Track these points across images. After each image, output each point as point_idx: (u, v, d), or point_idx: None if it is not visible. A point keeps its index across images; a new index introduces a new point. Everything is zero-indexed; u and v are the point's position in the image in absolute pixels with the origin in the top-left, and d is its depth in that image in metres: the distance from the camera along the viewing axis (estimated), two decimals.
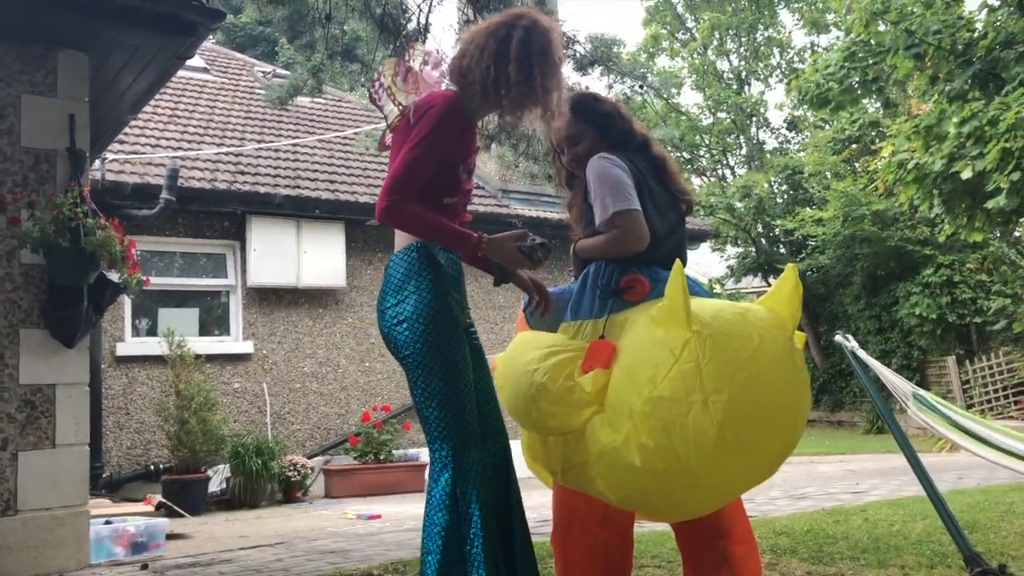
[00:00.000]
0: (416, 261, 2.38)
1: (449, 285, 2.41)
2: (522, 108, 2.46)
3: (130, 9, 4.45)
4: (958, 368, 15.60)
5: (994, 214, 8.28)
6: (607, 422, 2.22)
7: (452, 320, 2.37)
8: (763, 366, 2.17)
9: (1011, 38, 8.31)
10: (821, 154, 19.98)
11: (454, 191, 2.47)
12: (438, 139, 2.33)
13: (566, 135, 2.65)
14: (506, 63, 2.37)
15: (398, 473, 9.11)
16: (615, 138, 2.62)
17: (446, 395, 2.30)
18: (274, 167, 10.04)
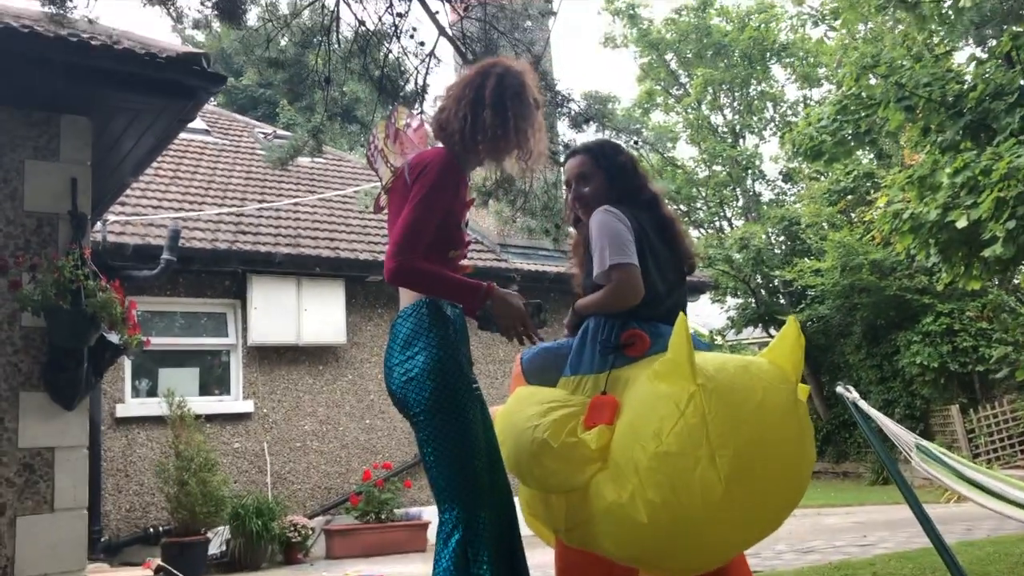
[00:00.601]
0: (426, 317, 2.37)
1: (458, 340, 2.41)
2: (500, 152, 2.51)
3: (133, 75, 4.53)
4: (962, 417, 15.49)
5: (991, 262, 8.30)
6: (611, 479, 2.20)
7: (463, 377, 2.36)
8: (767, 419, 2.17)
9: (1000, 89, 8.44)
10: (817, 205, 20.12)
11: (459, 244, 2.51)
12: (439, 195, 2.35)
13: (577, 173, 2.71)
14: (482, 109, 2.43)
15: (400, 533, 8.99)
16: (622, 189, 2.65)
17: (457, 454, 2.25)
18: (275, 226, 10.11)
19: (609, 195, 2.63)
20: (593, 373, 2.46)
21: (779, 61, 25.28)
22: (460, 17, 5.60)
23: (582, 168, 2.70)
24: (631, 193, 2.66)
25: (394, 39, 5.41)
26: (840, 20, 16.55)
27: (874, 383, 17.33)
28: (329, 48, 5.39)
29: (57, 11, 4.26)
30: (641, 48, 25.70)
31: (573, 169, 2.73)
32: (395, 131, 2.56)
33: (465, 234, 2.56)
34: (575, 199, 2.72)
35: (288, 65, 5.50)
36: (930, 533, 3.43)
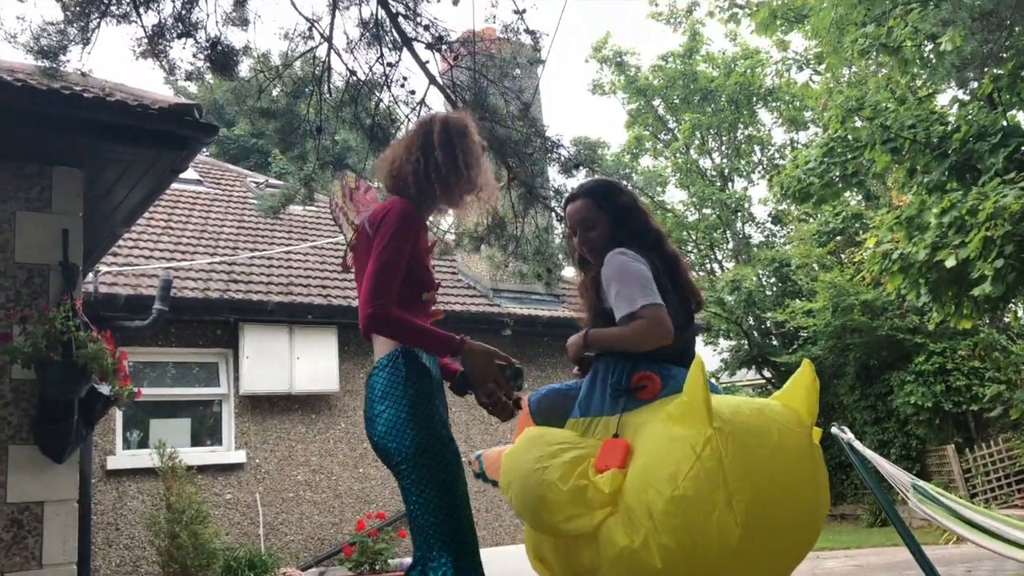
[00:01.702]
0: (403, 367, 2.38)
1: (435, 390, 2.41)
2: (453, 191, 2.58)
3: (125, 127, 4.57)
4: (958, 456, 15.44)
5: (981, 301, 8.36)
6: (623, 523, 2.15)
7: (442, 424, 2.35)
8: (783, 463, 2.15)
9: (983, 130, 8.57)
10: (807, 246, 20.24)
11: (430, 286, 2.56)
12: (403, 240, 2.41)
13: (580, 219, 2.69)
14: (432, 151, 2.53)
15: None
16: (629, 230, 2.64)
17: (445, 500, 2.24)
18: (267, 274, 10.11)
19: (616, 236, 2.62)
20: (604, 415, 2.43)
21: (765, 105, 25.63)
22: (450, 66, 5.68)
23: (585, 212, 2.69)
24: (637, 233, 2.65)
25: (385, 88, 5.48)
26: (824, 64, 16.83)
27: (869, 424, 17.28)
28: (320, 98, 5.45)
29: (51, 65, 4.31)
30: (629, 94, 26.05)
31: (576, 214, 2.71)
32: (350, 191, 2.68)
33: (434, 277, 2.61)
34: (582, 243, 2.70)
35: (280, 115, 5.55)
36: (930, 575, 3.40)
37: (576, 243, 2.73)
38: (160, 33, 4.65)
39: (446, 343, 2.38)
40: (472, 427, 10.61)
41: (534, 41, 5.46)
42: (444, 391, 2.52)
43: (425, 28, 5.16)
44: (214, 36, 4.79)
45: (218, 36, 4.80)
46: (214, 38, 4.79)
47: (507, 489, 2.43)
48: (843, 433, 3.73)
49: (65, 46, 4.34)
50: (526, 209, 5.95)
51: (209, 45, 4.78)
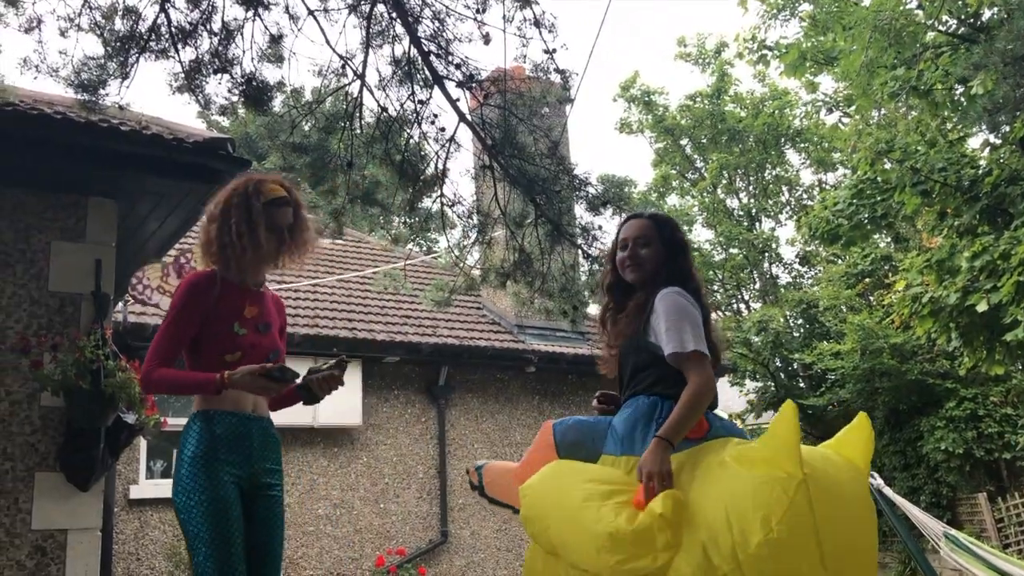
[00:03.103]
0: (192, 428, 2.65)
1: (221, 447, 2.63)
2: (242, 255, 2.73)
3: (160, 159, 4.65)
4: (990, 505, 15.09)
5: (1014, 347, 8.23)
6: (695, 564, 2.11)
7: (218, 484, 2.56)
8: (856, 509, 2.21)
9: (1015, 175, 8.50)
10: (835, 288, 20.06)
11: (233, 348, 2.70)
12: (179, 312, 2.67)
13: (639, 234, 2.68)
14: (211, 223, 2.77)
15: None
16: (679, 267, 2.66)
17: (206, 560, 2.47)
18: (293, 307, 10.17)
19: (663, 267, 2.64)
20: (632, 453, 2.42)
21: (794, 146, 25.60)
22: (480, 104, 5.72)
23: (645, 231, 2.69)
24: (683, 275, 2.66)
25: (415, 124, 5.53)
26: (854, 106, 16.82)
27: (898, 469, 16.97)
28: (352, 133, 5.51)
29: (90, 98, 4.40)
30: (656, 133, 26.13)
31: (634, 230, 2.70)
32: (172, 269, 2.89)
33: (251, 336, 2.76)
34: (631, 257, 2.67)
35: (311, 150, 5.61)
36: None
37: (622, 257, 2.70)
38: (197, 68, 4.73)
39: (209, 385, 2.60)
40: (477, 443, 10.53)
41: (563, 80, 5.50)
42: (248, 448, 2.74)
43: (456, 66, 5.21)
44: (249, 72, 4.87)
45: (253, 72, 4.88)
46: (249, 74, 4.87)
47: (537, 521, 2.39)
48: (872, 479, 3.67)
49: (105, 80, 4.43)
50: (552, 246, 5.96)
51: (244, 81, 4.86)
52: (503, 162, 5.58)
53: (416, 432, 10.15)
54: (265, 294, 2.91)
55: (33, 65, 4.26)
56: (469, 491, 10.26)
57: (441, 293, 6.52)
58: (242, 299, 2.78)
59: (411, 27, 5.09)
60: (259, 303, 2.84)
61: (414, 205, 5.94)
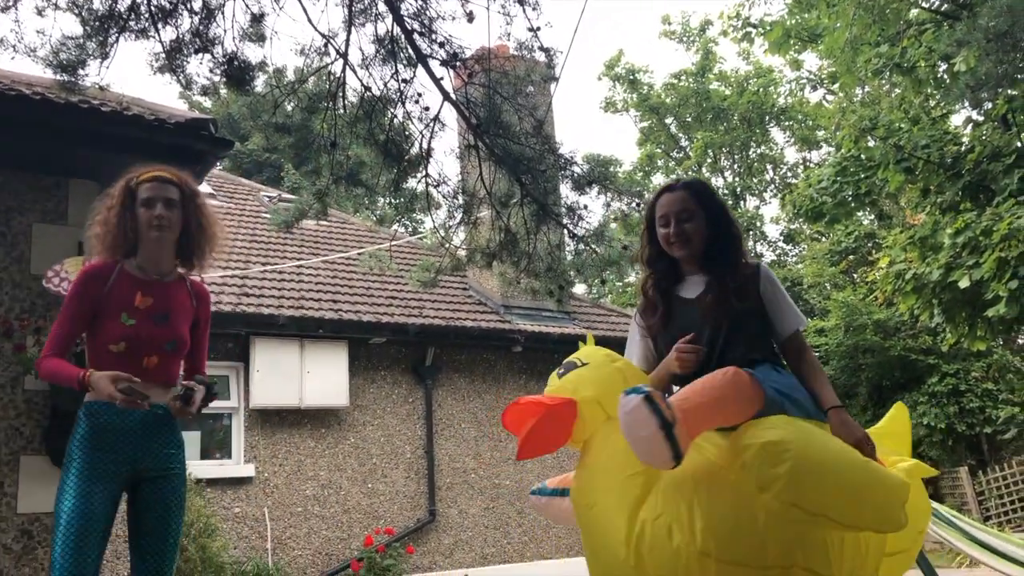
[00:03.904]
0: (77, 418, 2.75)
1: (97, 439, 2.71)
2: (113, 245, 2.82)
3: (141, 140, 4.61)
4: (971, 479, 15.30)
5: (995, 322, 8.31)
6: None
7: (88, 477, 2.66)
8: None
9: (998, 151, 8.56)
10: (819, 265, 20.19)
11: (118, 338, 2.73)
12: (73, 300, 2.76)
13: (680, 208, 2.65)
14: (107, 205, 2.85)
15: None
16: (724, 230, 2.67)
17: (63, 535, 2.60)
18: (278, 288, 10.14)
19: (711, 234, 2.64)
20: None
21: (778, 124, 25.64)
22: (464, 83, 5.70)
23: (685, 204, 2.65)
24: (736, 239, 2.68)
25: (399, 104, 5.50)
26: (838, 84, 16.84)
27: None
28: (335, 113, 5.47)
29: (69, 79, 4.34)
30: (641, 112, 26.11)
31: (675, 204, 2.66)
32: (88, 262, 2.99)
33: (139, 327, 2.78)
34: (677, 234, 2.63)
35: (294, 130, 5.60)
36: None
37: (665, 233, 2.66)
38: (177, 48, 4.68)
39: (74, 380, 2.67)
40: (481, 443, 10.58)
41: (548, 59, 5.48)
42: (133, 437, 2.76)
43: (440, 45, 5.18)
44: (231, 52, 4.83)
45: (235, 52, 4.84)
46: (231, 53, 4.82)
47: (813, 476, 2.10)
48: None
49: (84, 60, 4.37)
50: (538, 226, 5.95)
51: (226, 60, 4.81)
52: (488, 141, 5.56)
53: (403, 412, 10.16)
54: (172, 284, 2.91)
55: (10, 45, 4.20)
56: (457, 471, 10.32)
57: (427, 274, 6.52)
58: (135, 289, 2.81)
59: (394, 5, 5.05)
60: (158, 293, 2.84)
61: (399, 185, 5.92)
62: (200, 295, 3.02)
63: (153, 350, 2.79)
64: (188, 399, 2.75)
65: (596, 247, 6.03)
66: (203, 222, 2.94)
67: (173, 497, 2.85)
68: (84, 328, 2.79)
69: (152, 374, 2.77)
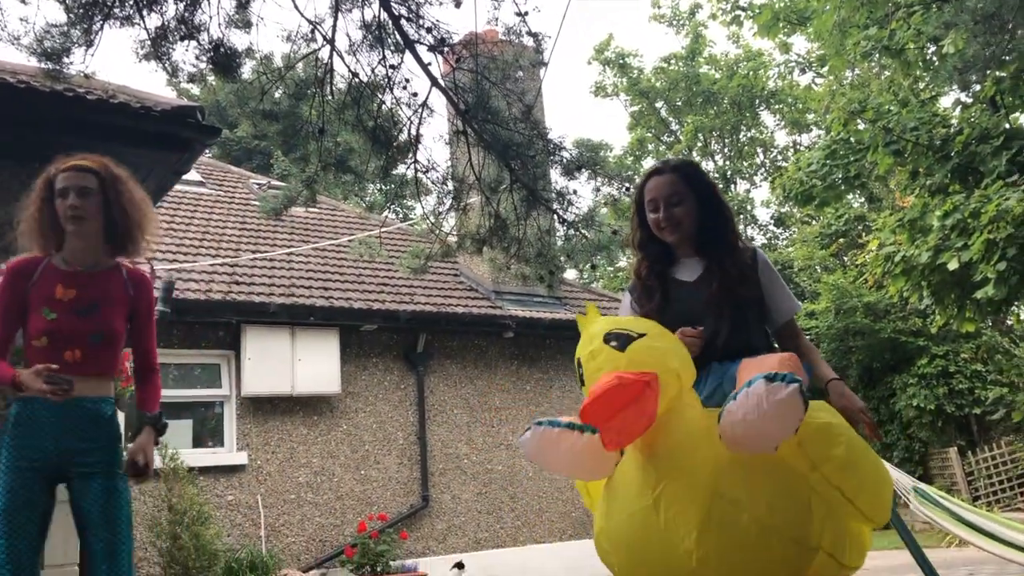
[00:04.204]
0: (11, 407, 2.74)
1: (32, 427, 2.69)
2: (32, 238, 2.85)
3: (128, 129, 4.58)
4: (961, 460, 15.42)
5: (983, 304, 8.35)
6: None
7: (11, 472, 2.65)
8: None
9: (986, 133, 8.57)
10: (809, 248, 20.25)
11: (39, 332, 2.74)
12: (1, 297, 2.77)
13: (668, 193, 2.60)
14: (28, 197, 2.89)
15: None
16: (715, 210, 2.62)
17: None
18: (269, 276, 10.12)
19: (698, 217, 2.60)
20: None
21: (768, 107, 25.65)
22: (452, 68, 5.68)
23: (674, 188, 2.60)
24: (727, 221, 2.64)
25: (387, 90, 5.47)
26: (827, 67, 16.83)
27: None
28: (323, 100, 5.45)
29: (54, 67, 4.31)
30: (631, 96, 26.07)
31: (663, 187, 2.61)
32: None
33: (61, 321, 2.75)
34: (667, 219, 2.59)
35: (282, 117, 5.55)
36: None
37: (655, 219, 2.62)
38: (163, 35, 4.65)
39: (8, 382, 2.68)
40: (474, 428, 10.61)
41: (536, 43, 5.46)
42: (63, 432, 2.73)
43: (427, 30, 5.15)
44: (217, 38, 4.79)
45: (221, 38, 4.81)
46: (217, 40, 4.79)
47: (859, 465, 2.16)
48: None
49: (68, 48, 4.34)
50: (528, 211, 5.95)
51: (212, 47, 4.78)
52: (477, 127, 5.55)
53: (395, 399, 10.18)
54: (101, 275, 2.86)
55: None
56: (449, 457, 10.34)
57: (417, 260, 6.51)
58: (56, 281, 2.77)
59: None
60: (82, 284, 2.80)
61: (388, 172, 5.91)
62: (137, 282, 2.95)
63: (76, 343, 2.74)
64: (138, 470, 2.81)
65: (586, 232, 6.03)
66: (127, 207, 2.86)
67: (105, 491, 2.78)
68: (17, 325, 2.76)
69: (78, 368, 2.71)
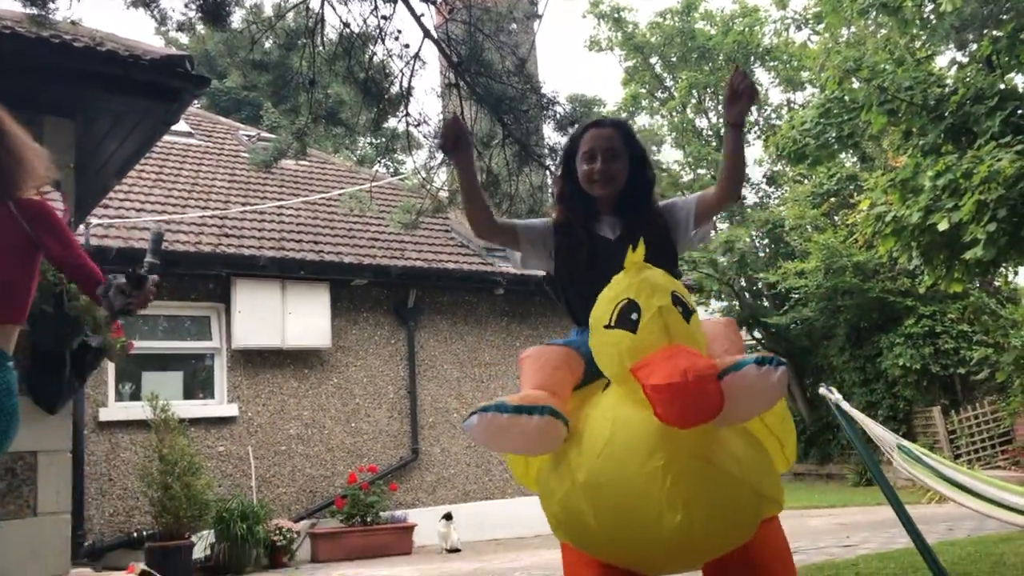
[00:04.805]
0: None
1: None
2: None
3: (116, 77, 4.52)
4: (944, 418, 15.61)
5: (972, 265, 8.37)
6: None
7: None
8: None
9: (981, 93, 8.52)
10: (801, 208, 20.23)
11: None
12: None
13: (609, 147, 2.56)
14: None
15: (385, 535, 8.98)
16: (643, 173, 2.62)
17: None
18: (259, 229, 10.08)
19: (632, 176, 2.59)
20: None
21: (763, 64, 25.42)
22: (445, 20, 5.61)
23: (614, 143, 2.56)
24: (651, 186, 2.64)
25: (379, 41, 5.41)
26: (823, 24, 16.68)
27: (857, 385, 17.44)
28: (314, 50, 5.38)
29: (39, 12, 4.24)
30: (626, 51, 25.81)
31: (604, 140, 2.56)
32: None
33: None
34: (603, 172, 2.54)
35: (272, 67, 5.48)
36: (912, 533, 3.46)
37: (588, 170, 2.56)
38: None
39: None
40: (463, 384, 10.67)
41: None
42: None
43: None
44: None
45: None
46: None
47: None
48: (831, 394, 3.77)
49: None
50: (520, 167, 5.92)
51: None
52: (469, 80, 5.50)
53: (386, 354, 10.21)
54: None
55: None
56: (439, 411, 10.42)
57: (408, 215, 6.49)
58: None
59: None
60: None
61: (379, 125, 5.86)
62: (33, 215, 2.80)
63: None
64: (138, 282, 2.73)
65: None
66: (12, 148, 2.80)
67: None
68: None
69: None
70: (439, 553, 8.95)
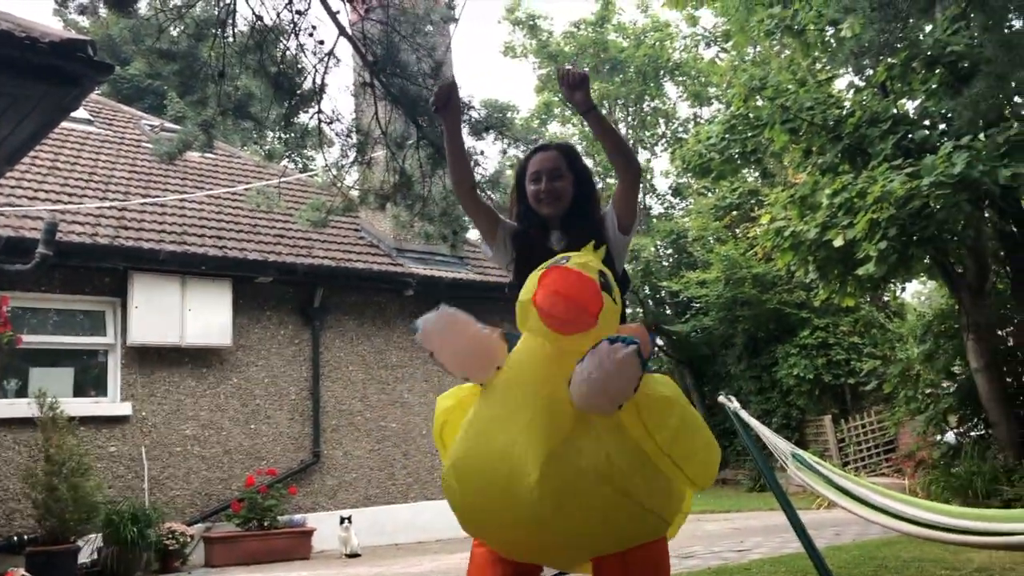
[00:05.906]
0: None
1: None
2: None
3: (10, 59, 4.30)
4: (834, 427, 16.25)
5: (864, 280, 8.76)
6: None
7: None
8: None
9: (875, 116, 8.93)
10: (704, 220, 20.78)
11: None
12: None
13: (553, 167, 2.75)
14: None
15: (284, 540, 8.80)
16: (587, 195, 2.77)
17: None
18: (159, 222, 9.75)
19: (577, 197, 2.75)
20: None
21: (672, 79, 26.03)
22: (361, 18, 5.55)
23: (557, 164, 2.75)
24: (595, 202, 2.79)
25: (292, 36, 5.32)
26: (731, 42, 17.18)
27: (754, 393, 18.00)
28: (224, 42, 5.25)
29: None
30: (540, 59, 26.04)
31: (548, 162, 2.76)
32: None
33: None
34: (548, 192, 2.73)
35: (180, 57, 5.32)
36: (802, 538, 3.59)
37: (535, 190, 2.75)
38: None
39: None
40: (369, 386, 10.56)
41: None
42: None
43: None
44: None
45: None
46: None
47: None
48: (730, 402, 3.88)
49: None
50: (434, 169, 5.91)
51: None
52: (384, 80, 5.45)
53: (289, 354, 10.02)
54: None
55: None
56: (343, 413, 10.27)
57: (317, 213, 6.40)
58: None
59: None
60: None
61: (289, 120, 5.76)
62: None
63: None
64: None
65: (492, 193, 6.04)
66: None
67: None
68: None
69: None
70: (339, 558, 8.83)
